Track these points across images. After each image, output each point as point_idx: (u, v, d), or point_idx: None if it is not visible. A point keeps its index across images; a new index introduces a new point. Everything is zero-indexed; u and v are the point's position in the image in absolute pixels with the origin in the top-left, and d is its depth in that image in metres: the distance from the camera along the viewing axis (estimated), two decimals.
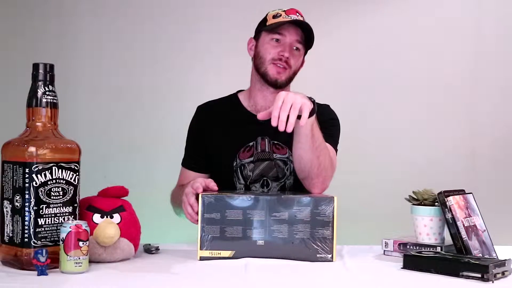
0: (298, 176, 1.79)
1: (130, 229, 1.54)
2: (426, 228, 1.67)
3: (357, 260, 1.60)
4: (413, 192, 1.72)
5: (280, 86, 1.87)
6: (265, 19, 1.92)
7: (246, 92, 1.98)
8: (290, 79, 1.90)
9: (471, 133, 3.24)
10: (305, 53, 1.94)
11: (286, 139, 1.88)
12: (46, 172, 1.40)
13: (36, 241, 1.38)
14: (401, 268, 1.49)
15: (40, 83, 1.44)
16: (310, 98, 1.66)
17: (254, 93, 1.93)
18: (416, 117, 3.21)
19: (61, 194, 1.42)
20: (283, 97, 1.57)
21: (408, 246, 1.66)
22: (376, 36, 3.24)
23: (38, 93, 1.43)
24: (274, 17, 1.88)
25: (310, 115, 1.63)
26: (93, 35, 3.23)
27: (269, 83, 1.88)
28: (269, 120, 1.90)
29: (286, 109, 1.55)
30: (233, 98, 1.99)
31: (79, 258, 1.35)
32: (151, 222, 1.80)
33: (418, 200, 1.70)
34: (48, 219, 1.40)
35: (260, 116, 1.64)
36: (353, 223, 2.25)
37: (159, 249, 1.67)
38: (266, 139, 1.90)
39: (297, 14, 1.89)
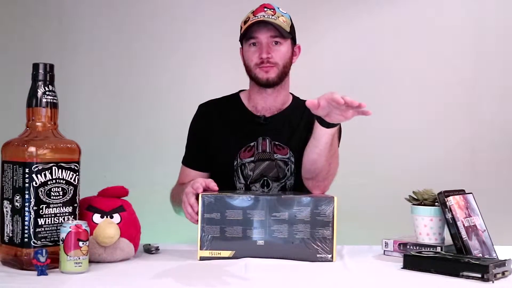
0: (304, 175, 1.80)
1: (130, 229, 1.54)
2: (426, 228, 1.66)
3: (357, 260, 1.60)
4: (413, 192, 1.72)
5: (273, 84, 1.87)
6: (240, 27, 1.91)
7: (247, 92, 1.98)
8: (282, 74, 1.87)
9: (471, 133, 3.24)
10: (294, 41, 1.92)
11: (287, 140, 1.89)
12: (46, 172, 1.40)
13: (36, 241, 1.38)
14: (401, 268, 1.49)
15: (40, 83, 1.44)
16: None
17: (254, 95, 1.93)
18: (416, 117, 3.21)
19: (61, 194, 1.42)
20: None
21: (408, 246, 1.66)
22: (376, 36, 3.24)
23: (38, 93, 1.43)
24: (245, 22, 1.87)
25: (335, 125, 1.67)
26: (93, 35, 3.23)
27: (262, 85, 1.88)
28: (270, 120, 1.91)
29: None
30: (235, 98, 1.99)
31: (79, 258, 1.35)
32: (151, 222, 1.80)
33: (418, 200, 1.70)
34: (48, 219, 1.40)
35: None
36: (353, 223, 2.25)
37: (159, 249, 1.67)
38: (267, 140, 1.90)
39: (265, 9, 1.86)
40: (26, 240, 1.38)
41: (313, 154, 1.75)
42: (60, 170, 1.42)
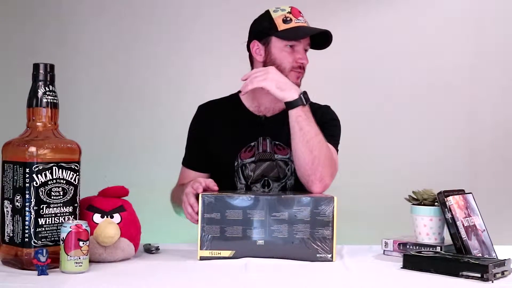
0: (297, 174, 1.79)
1: (130, 229, 1.54)
2: (425, 228, 1.67)
3: (357, 260, 1.60)
4: (413, 192, 1.72)
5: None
6: (271, 22, 1.85)
7: (248, 92, 1.97)
8: None
9: (471, 133, 3.24)
10: None
11: (287, 140, 1.89)
12: (47, 172, 1.40)
13: (36, 241, 1.38)
14: (401, 268, 1.50)
15: (40, 83, 1.44)
16: (304, 93, 1.73)
17: (260, 95, 1.90)
18: (416, 117, 3.22)
19: (61, 194, 1.42)
20: (267, 70, 1.75)
21: (407, 246, 1.67)
22: (376, 36, 3.25)
23: (39, 93, 1.44)
24: (284, 21, 1.84)
25: (294, 106, 1.71)
26: (93, 35, 3.23)
27: None
28: (271, 121, 1.91)
29: (256, 75, 1.74)
30: (235, 98, 1.99)
31: (80, 258, 1.36)
32: (151, 222, 1.80)
33: (418, 200, 1.70)
34: (49, 219, 1.40)
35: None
36: (353, 223, 2.26)
37: (159, 249, 1.67)
38: (267, 140, 1.90)
39: (301, 13, 1.88)
40: (26, 240, 1.38)
41: (291, 142, 1.76)
42: (60, 170, 1.42)
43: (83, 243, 1.36)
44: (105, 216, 1.51)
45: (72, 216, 1.44)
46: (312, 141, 1.72)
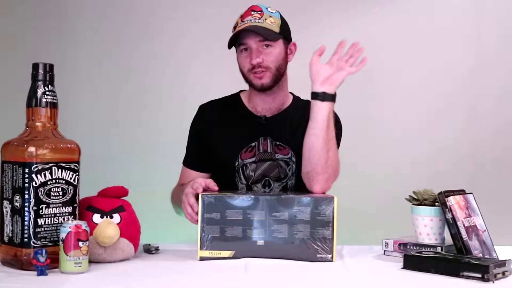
0: (303, 169, 1.79)
1: (130, 229, 1.54)
2: (426, 228, 1.66)
3: (357, 260, 1.60)
4: (413, 192, 1.72)
5: (269, 88, 1.86)
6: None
7: (247, 93, 1.98)
8: (277, 76, 1.85)
9: (471, 133, 3.24)
10: (289, 39, 1.90)
11: (288, 140, 1.89)
12: (46, 172, 1.39)
13: (35, 241, 1.38)
14: (401, 268, 1.49)
15: (39, 83, 1.44)
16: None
17: (253, 97, 1.93)
18: (416, 117, 3.21)
19: (60, 194, 1.42)
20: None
21: (408, 246, 1.66)
22: (376, 36, 3.24)
23: (38, 93, 1.43)
24: (234, 28, 1.86)
25: (329, 99, 1.75)
26: (93, 35, 3.22)
27: (258, 90, 1.87)
28: (271, 121, 1.91)
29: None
30: (235, 98, 1.99)
31: (79, 258, 1.35)
32: (151, 222, 1.80)
33: (418, 200, 1.70)
34: (48, 219, 1.40)
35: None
36: (353, 223, 2.25)
37: (159, 249, 1.67)
38: (268, 140, 1.90)
39: (252, 12, 1.84)
40: (26, 240, 1.38)
41: (310, 137, 1.74)
42: (60, 170, 1.42)
43: (83, 244, 1.36)
44: (105, 216, 1.50)
45: (72, 216, 1.44)
46: (332, 141, 1.75)
